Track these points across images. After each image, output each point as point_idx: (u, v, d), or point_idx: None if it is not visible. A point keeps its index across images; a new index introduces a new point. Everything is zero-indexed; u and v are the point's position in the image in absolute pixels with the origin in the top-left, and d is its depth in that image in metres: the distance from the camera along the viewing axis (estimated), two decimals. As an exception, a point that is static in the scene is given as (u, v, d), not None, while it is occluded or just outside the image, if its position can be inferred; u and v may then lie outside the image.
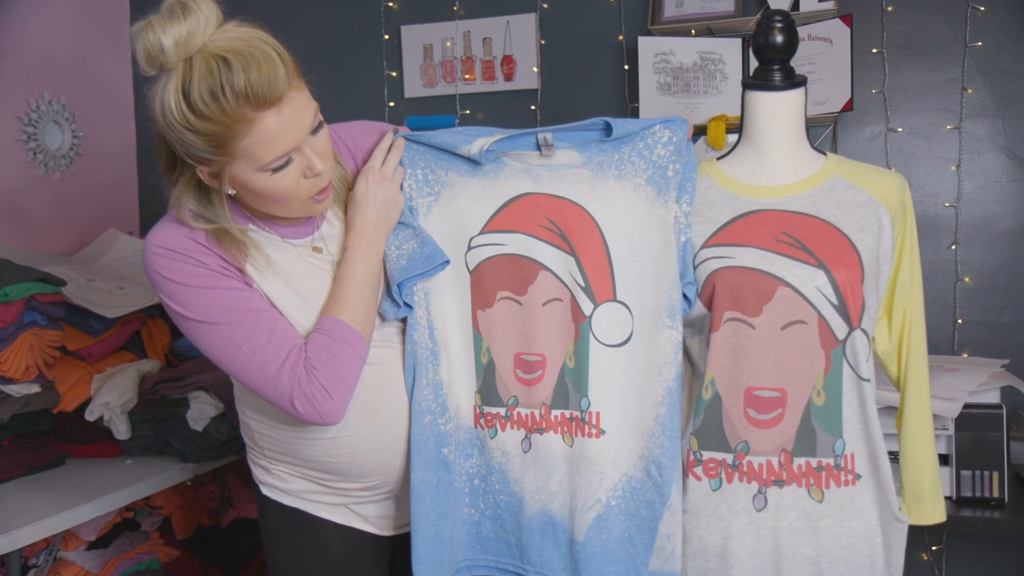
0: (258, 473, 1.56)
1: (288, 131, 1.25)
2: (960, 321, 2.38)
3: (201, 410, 2.26)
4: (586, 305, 1.46)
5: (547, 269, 1.47)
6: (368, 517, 1.54)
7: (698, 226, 1.49)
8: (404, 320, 1.49)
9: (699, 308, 1.47)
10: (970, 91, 2.33)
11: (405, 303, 1.46)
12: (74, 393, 2.28)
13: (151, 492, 2.16)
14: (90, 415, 2.24)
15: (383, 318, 1.45)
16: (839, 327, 1.40)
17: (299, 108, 1.26)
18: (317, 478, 1.49)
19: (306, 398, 1.33)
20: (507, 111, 2.70)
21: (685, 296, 1.44)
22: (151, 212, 3.13)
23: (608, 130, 1.43)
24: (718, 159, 1.56)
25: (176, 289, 1.34)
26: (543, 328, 1.47)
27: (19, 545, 1.76)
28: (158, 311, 2.55)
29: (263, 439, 1.51)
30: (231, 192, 1.33)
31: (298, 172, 1.30)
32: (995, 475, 1.93)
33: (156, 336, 2.54)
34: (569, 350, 1.47)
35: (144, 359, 2.47)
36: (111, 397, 2.24)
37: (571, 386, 1.47)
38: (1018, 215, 2.32)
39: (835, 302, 1.39)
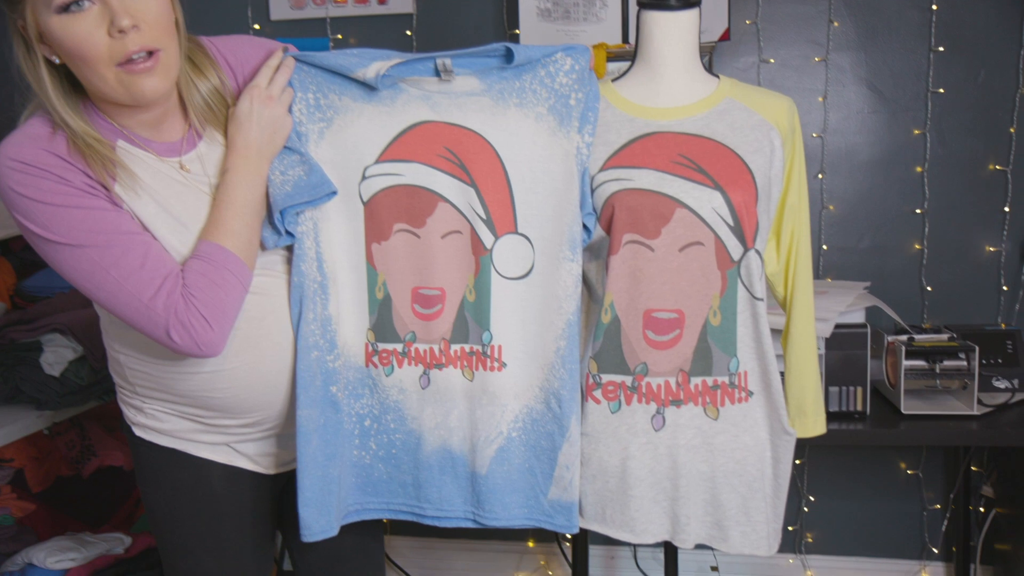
0: (130, 414, 1.47)
1: None
2: (825, 247, 2.50)
3: (57, 353, 2.10)
4: (487, 238, 1.43)
5: (446, 200, 1.42)
6: (251, 455, 1.47)
7: (595, 148, 1.47)
8: (289, 249, 1.42)
9: (597, 232, 1.46)
10: (836, 24, 2.41)
11: (287, 232, 1.39)
12: (-93, 341, 2.08)
13: (3, 443, 2.01)
14: (-70, 363, 2.05)
15: (263, 246, 1.38)
16: (735, 248, 1.43)
17: None
18: (195, 416, 1.41)
19: (183, 328, 1.25)
20: (381, 36, 2.59)
21: (585, 227, 1.43)
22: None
23: (509, 56, 1.39)
24: (613, 80, 1.55)
25: (34, 208, 1.21)
26: (442, 261, 1.44)
27: None
28: (0, 251, 2.34)
29: (135, 375, 1.41)
30: (55, 60, 1.22)
31: (97, 21, 1.17)
32: (859, 390, 2.05)
33: (0, 276, 2.33)
34: (469, 284, 1.44)
35: (-13, 301, 2.27)
36: (-48, 343, 2.06)
37: (471, 320, 1.44)
38: (877, 146, 2.44)
39: (731, 223, 1.42)
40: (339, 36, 2.62)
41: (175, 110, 1.35)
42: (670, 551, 1.88)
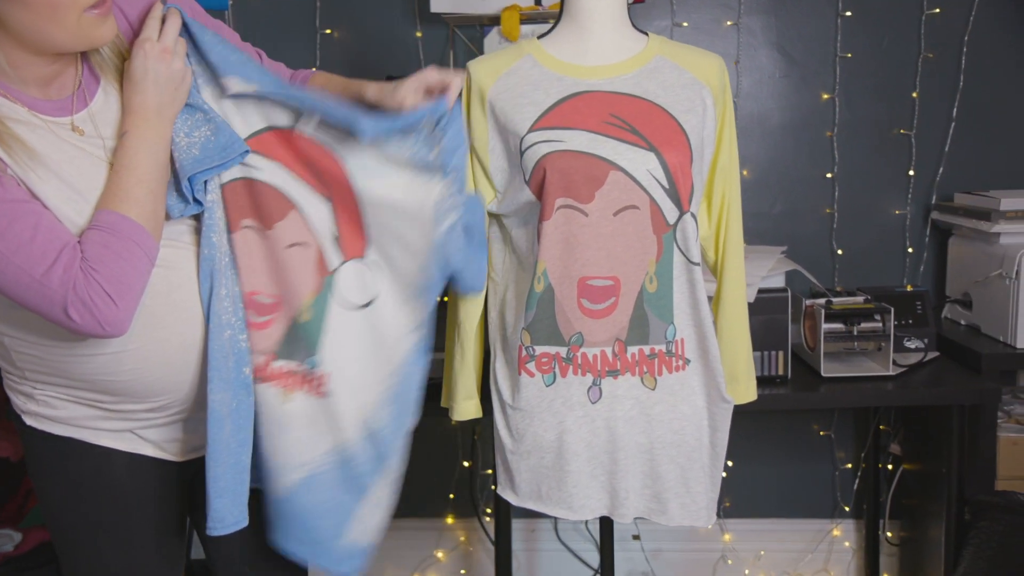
0: (19, 401, 1.33)
1: None
2: (740, 213, 2.49)
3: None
4: (333, 258, 1.35)
5: (299, 210, 1.34)
6: (157, 442, 1.36)
7: (523, 108, 1.40)
8: (196, 218, 1.30)
9: (526, 195, 1.40)
10: (748, -13, 2.40)
11: (195, 199, 1.27)
12: None
13: None
14: None
15: (168, 215, 1.25)
16: (670, 211, 1.38)
17: None
18: (95, 401, 1.29)
19: (83, 305, 1.12)
20: (280, -6, 2.44)
21: None
22: None
23: (361, 133, 1.30)
24: (539, 37, 1.48)
25: None
26: (282, 271, 1.35)
27: None
28: None
29: (24, 359, 1.27)
30: None
31: None
32: (781, 354, 2.05)
33: None
34: (308, 302, 1.35)
35: None
36: None
37: (303, 340, 1.35)
38: (787, 110, 2.44)
39: (666, 186, 1.37)
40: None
41: (73, 61, 1.22)
42: (605, 525, 1.85)
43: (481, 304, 1.51)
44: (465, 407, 1.55)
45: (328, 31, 2.44)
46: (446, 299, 1.53)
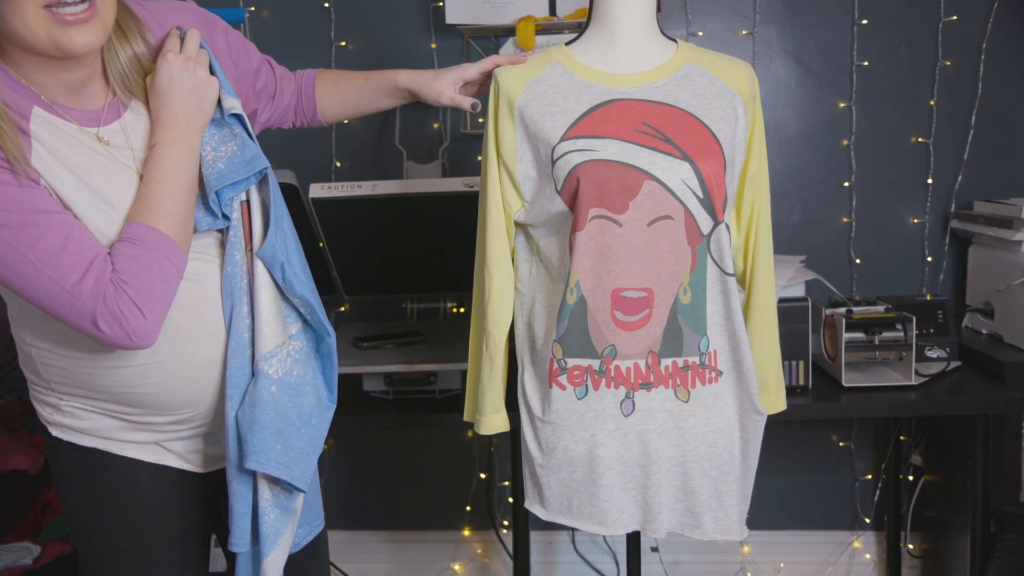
0: (45, 412, 1.31)
1: None
2: (757, 222, 2.48)
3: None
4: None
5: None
6: (181, 453, 1.34)
7: (554, 116, 1.39)
8: (223, 232, 1.28)
9: (558, 205, 1.38)
10: (764, -4, 2.40)
11: (223, 214, 1.25)
12: None
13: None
14: None
15: (196, 228, 1.24)
16: (704, 221, 1.36)
17: None
18: (120, 413, 1.27)
19: (112, 317, 1.11)
20: (297, 9, 2.43)
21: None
22: None
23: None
24: (567, 44, 1.46)
25: None
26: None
27: None
28: None
29: (50, 371, 1.25)
30: None
31: None
32: (801, 364, 2.04)
33: None
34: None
35: None
36: None
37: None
38: (804, 119, 2.43)
39: (701, 195, 1.35)
40: (252, 8, 2.43)
41: (98, 74, 1.20)
42: (632, 539, 1.83)
43: (510, 314, 1.49)
44: (493, 421, 1.52)
45: (343, 43, 2.43)
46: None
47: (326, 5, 2.43)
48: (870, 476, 2.56)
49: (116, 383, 1.23)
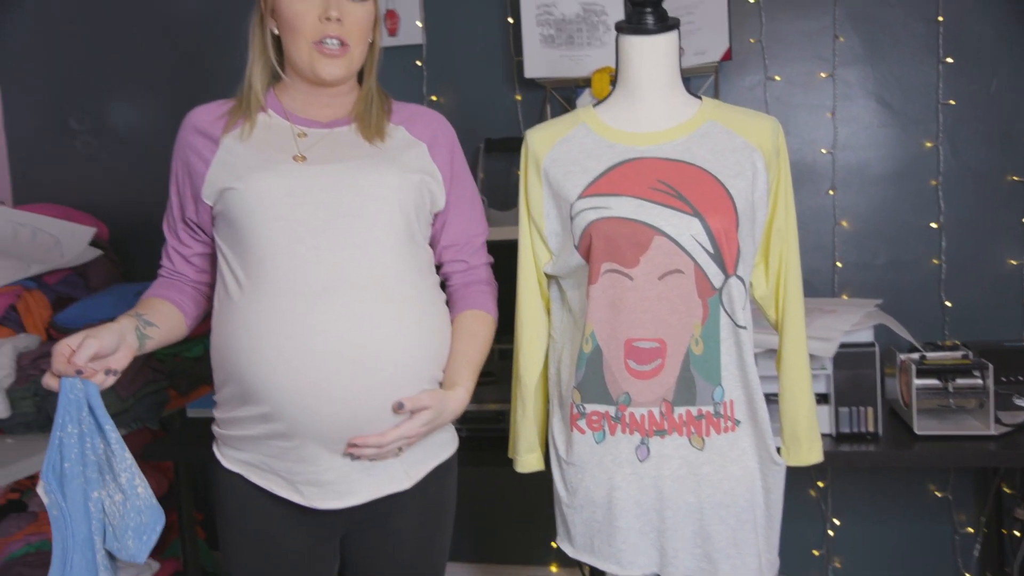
0: (215, 431, 1.48)
1: None
2: (839, 264, 2.46)
3: (84, 385, 2.17)
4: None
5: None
6: (294, 482, 1.40)
7: (574, 176, 1.48)
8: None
9: (576, 259, 1.47)
10: (841, 39, 2.38)
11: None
12: (-56, 373, 2.16)
13: (35, 471, 2.07)
14: (-36, 393, 2.13)
15: None
16: (715, 275, 1.42)
17: None
18: (239, 400, 1.39)
19: None
20: (392, 67, 2.61)
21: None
22: (24, 181, 2.96)
23: None
24: (594, 106, 1.56)
25: None
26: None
27: None
28: (35, 284, 2.43)
29: (213, 359, 1.44)
30: (274, 30, 1.46)
31: (314, 6, 1.41)
32: (870, 411, 2.01)
33: (35, 310, 2.42)
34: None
35: (22, 334, 2.35)
36: (-13, 374, 2.14)
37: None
38: (888, 159, 2.39)
39: (711, 250, 1.41)
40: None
41: (344, 114, 1.51)
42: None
43: (541, 359, 1.58)
44: (527, 459, 1.62)
45: (433, 97, 2.62)
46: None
47: (418, 63, 2.62)
48: (971, 529, 2.45)
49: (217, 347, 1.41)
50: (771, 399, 1.63)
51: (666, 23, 1.48)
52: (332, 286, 1.35)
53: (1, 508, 2.25)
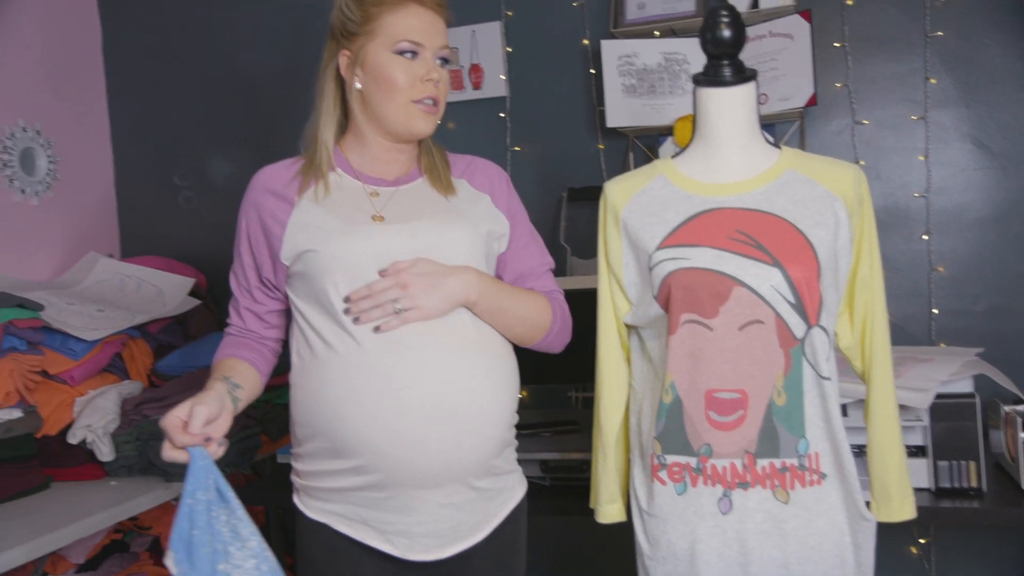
0: (296, 482, 1.51)
1: (426, 30, 1.47)
2: (936, 311, 2.37)
3: (183, 430, 2.26)
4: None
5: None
6: (385, 532, 1.42)
7: (653, 227, 1.49)
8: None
9: (655, 310, 1.47)
10: (933, 81, 2.33)
11: None
12: (57, 417, 2.28)
13: (136, 512, 2.16)
14: (73, 438, 2.24)
15: None
16: (797, 325, 1.40)
17: (440, 27, 1.50)
18: (327, 454, 1.42)
19: None
20: (477, 119, 2.70)
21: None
22: (131, 233, 3.14)
23: None
24: (672, 157, 1.57)
25: None
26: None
27: (2, 570, 1.76)
28: (139, 332, 2.55)
29: (296, 414, 1.47)
30: (358, 85, 1.49)
31: (418, 70, 1.46)
32: (972, 465, 1.91)
33: (138, 357, 2.54)
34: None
35: (126, 380, 2.47)
36: (93, 419, 2.25)
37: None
38: (988, 203, 2.31)
39: (792, 300, 1.39)
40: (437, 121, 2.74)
41: (404, 171, 1.55)
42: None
43: (622, 409, 1.58)
44: (609, 510, 1.61)
45: (517, 148, 2.67)
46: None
47: (501, 115, 2.68)
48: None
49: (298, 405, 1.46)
50: (861, 451, 1.59)
51: (743, 75, 1.49)
52: (417, 340, 1.40)
53: (104, 548, 2.34)
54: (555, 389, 2.63)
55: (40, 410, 2.23)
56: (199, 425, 1.29)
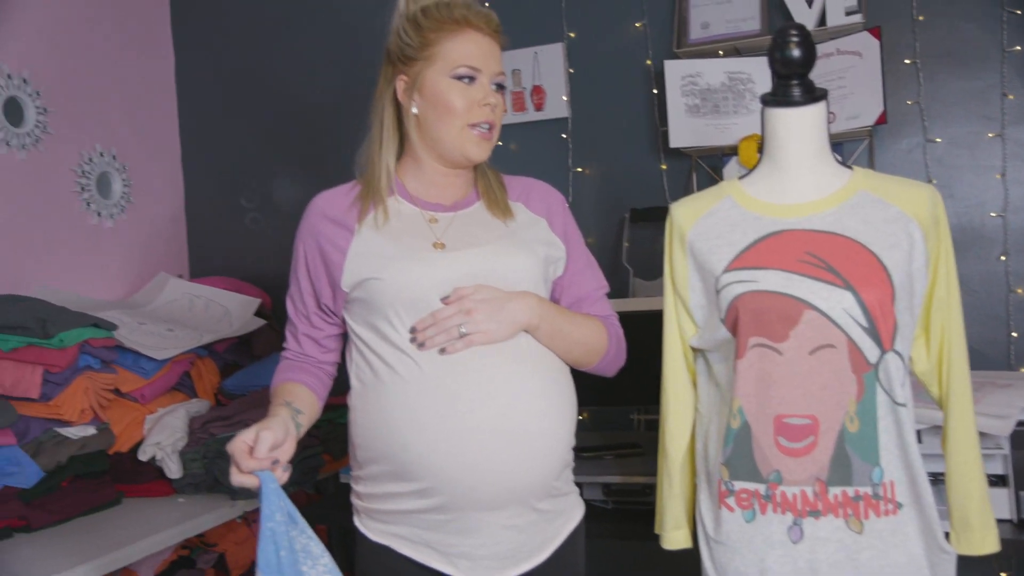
0: (356, 504, 1.52)
1: (484, 55, 1.47)
2: (1015, 335, 2.29)
3: (249, 448, 2.29)
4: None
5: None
6: (448, 554, 1.42)
7: (720, 249, 1.46)
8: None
9: (723, 333, 1.44)
10: (1011, 97, 2.26)
11: None
12: (128, 434, 2.33)
13: (203, 529, 2.19)
14: (143, 455, 2.29)
15: None
16: (870, 350, 1.36)
17: (496, 53, 1.50)
18: (389, 477, 1.42)
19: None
20: (539, 140, 2.71)
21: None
22: (200, 254, 3.21)
23: None
24: (740, 178, 1.54)
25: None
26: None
27: (75, 585, 1.79)
28: (207, 351, 2.60)
29: (357, 437, 1.48)
30: (414, 109, 1.49)
31: (475, 95, 1.46)
32: (1056, 495, 1.84)
33: (205, 376, 2.59)
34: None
35: (194, 399, 2.52)
36: (162, 437, 2.30)
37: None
38: (1071, 222, 2.23)
39: (865, 324, 1.35)
40: (499, 143, 2.75)
41: (460, 196, 1.55)
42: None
43: (688, 434, 1.56)
44: (674, 536, 1.58)
45: (579, 169, 2.66)
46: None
47: (563, 136, 2.68)
48: None
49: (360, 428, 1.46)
50: (936, 479, 1.54)
51: (813, 94, 1.46)
52: (478, 363, 1.39)
53: (172, 564, 2.38)
54: (615, 412, 2.60)
55: (112, 427, 2.29)
56: (265, 450, 1.29)
